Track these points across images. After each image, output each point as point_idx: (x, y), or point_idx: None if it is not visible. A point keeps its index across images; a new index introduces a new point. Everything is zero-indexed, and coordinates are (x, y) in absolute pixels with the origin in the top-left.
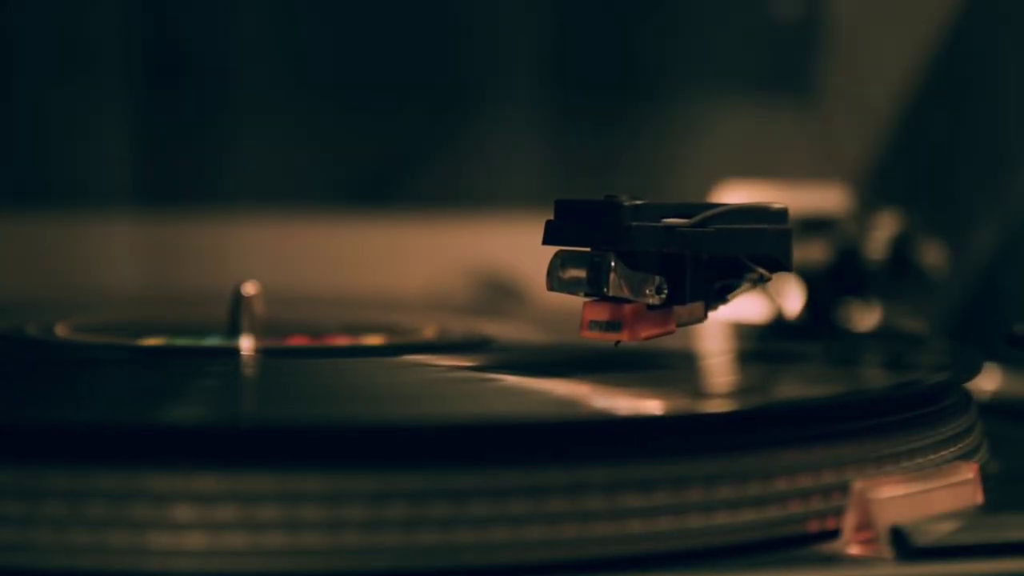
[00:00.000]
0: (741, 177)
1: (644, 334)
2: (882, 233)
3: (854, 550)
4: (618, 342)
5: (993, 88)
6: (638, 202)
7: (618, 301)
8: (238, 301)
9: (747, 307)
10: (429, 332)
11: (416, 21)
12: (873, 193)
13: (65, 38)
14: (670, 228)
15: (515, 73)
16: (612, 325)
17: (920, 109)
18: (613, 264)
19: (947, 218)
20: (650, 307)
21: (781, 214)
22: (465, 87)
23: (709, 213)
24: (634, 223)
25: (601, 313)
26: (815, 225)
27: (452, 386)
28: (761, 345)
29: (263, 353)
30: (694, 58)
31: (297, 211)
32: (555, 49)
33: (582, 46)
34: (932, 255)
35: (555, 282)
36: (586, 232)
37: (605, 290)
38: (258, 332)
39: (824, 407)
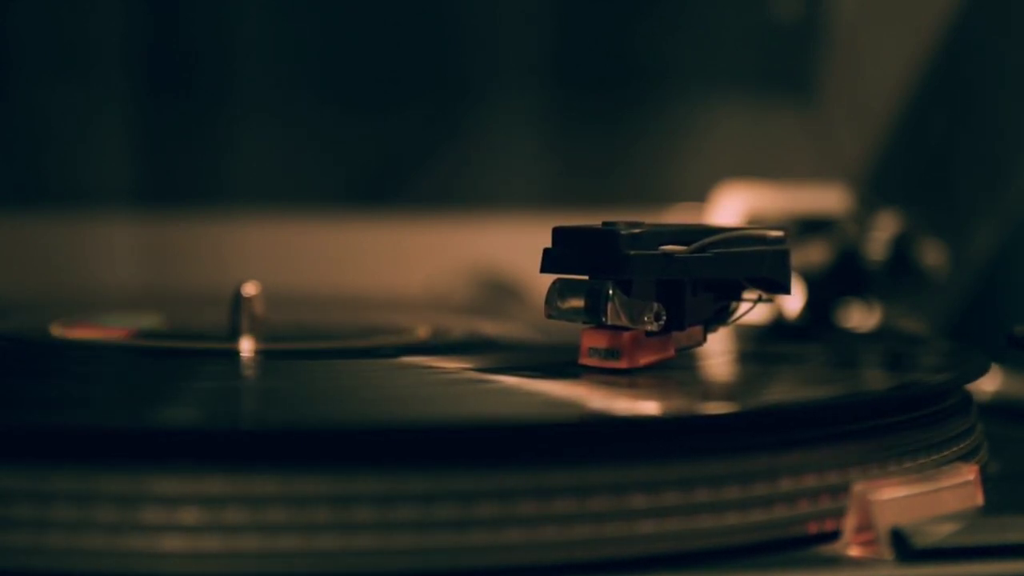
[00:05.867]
0: (741, 177)
1: (643, 361)
2: (882, 233)
3: (854, 551)
4: (617, 370)
5: (993, 89)
6: (636, 230)
7: (617, 329)
8: (238, 301)
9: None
10: (429, 333)
11: (416, 21)
12: (873, 193)
13: (65, 38)
14: (668, 256)
15: (515, 73)
16: (611, 352)
17: (920, 109)
18: (611, 293)
19: (947, 218)
20: (649, 333)
21: (779, 239)
22: (465, 87)
23: (707, 240)
24: (632, 252)
25: (600, 340)
26: (815, 225)
27: (451, 387)
28: (761, 346)
29: (263, 354)
30: (694, 58)
31: (297, 211)
32: (555, 49)
33: (582, 46)
34: (932, 255)
35: (554, 310)
36: (584, 260)
37: (603, 319)
38: (258, 333)
39: (824, 408)
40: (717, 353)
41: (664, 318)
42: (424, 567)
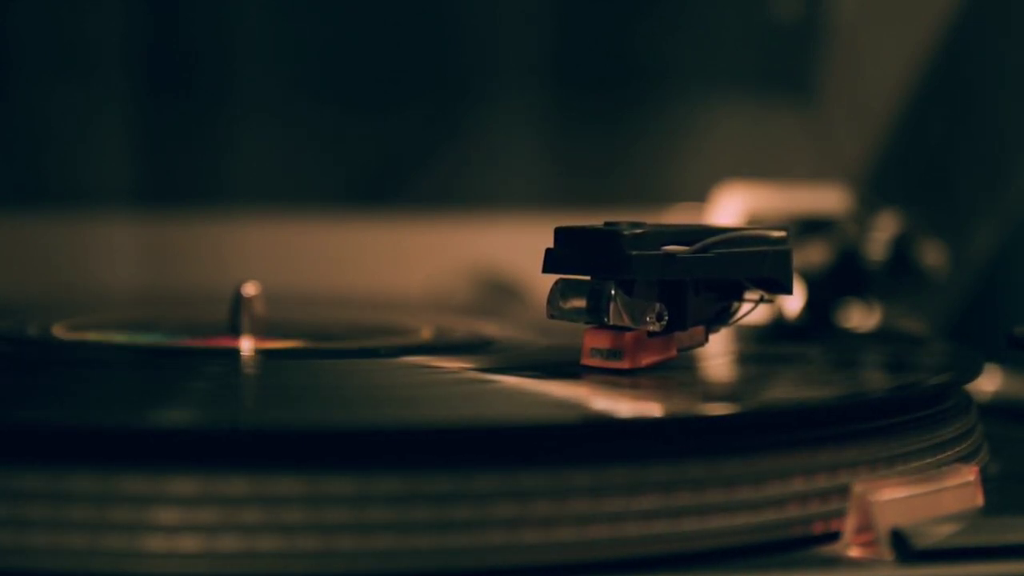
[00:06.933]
0: (741, 177)
1: (645, 361)
2: (882, 233)
3: (855, 552)
4: (619, 370)
5: (993, 89)
6: (638, 231)
7: (619, 329)
8: (238, 301)
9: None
10: (429, 333)
11: (416, 21)
12: (873, 193)
13: (65, 38)
14: (670, 256)
15: (515, 73)
16: (613, 353)
17: (920, 109)
18: (614, 293)
19: (947, 218)
20: (651, 334)
21: (781, 239)
22: (465, 87)
23: (709, 240)
24: (635, 252)
25: (602, 341)
26: (815, 226)
27: (451, 388)
28: (762, 346)
29: (263, 354)
30: (694, 58)
31: (297, 211)
32: (555, 49)
33: (582, 46)
34: (932, 255)
35: (555, 310)
36: (587, 261)
37: (606, 319)
38: (258, 332)
39: (824, 409)
40: (718, 353)
41: (666, 318)
42: (404, 567)
